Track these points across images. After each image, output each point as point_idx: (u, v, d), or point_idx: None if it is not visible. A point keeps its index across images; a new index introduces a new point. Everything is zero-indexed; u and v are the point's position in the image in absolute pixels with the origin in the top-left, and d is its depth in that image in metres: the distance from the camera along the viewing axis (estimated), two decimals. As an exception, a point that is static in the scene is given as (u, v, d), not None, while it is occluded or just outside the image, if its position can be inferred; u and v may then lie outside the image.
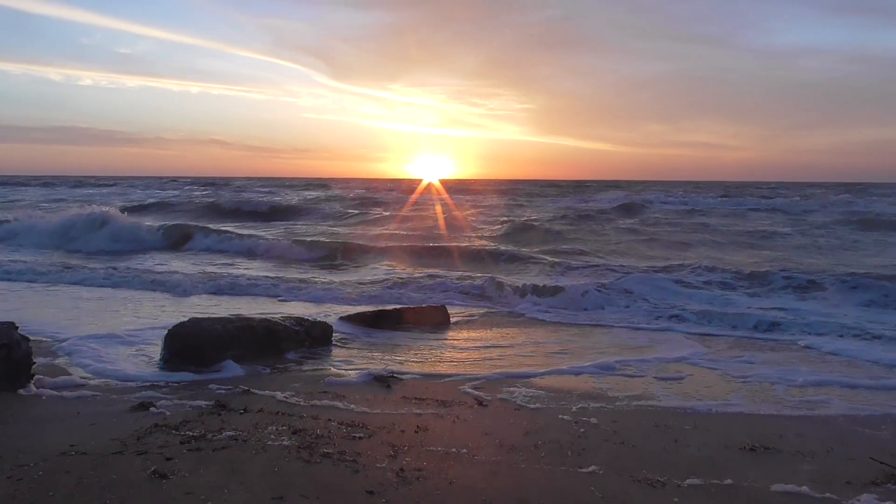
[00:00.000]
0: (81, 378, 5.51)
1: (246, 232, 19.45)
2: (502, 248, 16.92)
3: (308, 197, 38.49)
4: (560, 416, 4.90)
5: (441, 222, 24.25)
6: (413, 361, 6.67)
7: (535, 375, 6.17)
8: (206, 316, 7.11)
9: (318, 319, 7.65)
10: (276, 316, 7.44)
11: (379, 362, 6.55)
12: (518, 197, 43.90)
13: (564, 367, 6.55)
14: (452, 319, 8.83)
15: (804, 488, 3.66)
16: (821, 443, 4.49)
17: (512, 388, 5.67)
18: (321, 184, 68.88)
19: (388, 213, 27.95)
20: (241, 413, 4.63)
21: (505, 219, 25.82)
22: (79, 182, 69.38)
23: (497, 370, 6.34)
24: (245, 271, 13.13)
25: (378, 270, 13.79)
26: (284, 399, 5.08)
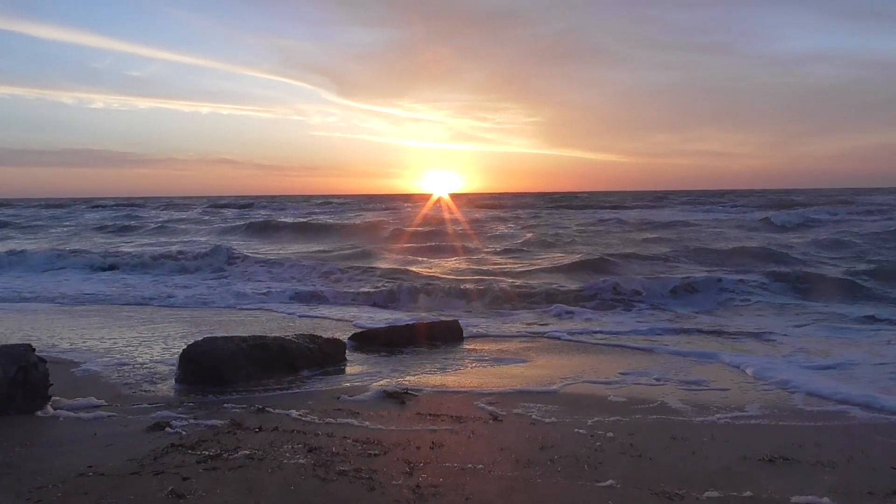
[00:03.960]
0: (98, 399, 5.54)
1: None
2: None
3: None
4: (576, 430, 4.87)
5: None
6: (427, 377, 6.66)
7: (549, 390, 6.14)
8: (220, 335, 7.14)
9: (332, 337, 7.67)
10: (290, 334, 7.47)
11: (393, 378, 6.55)
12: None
13: (579, 381, 6.52)
14: (465, 334, 8.82)
15: (825, 500, 3.61)
16: (841, 452, 4.44)
17: (527, 403, 5.65)
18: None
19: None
20: (256, 432, 4.64)
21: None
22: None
23: (511, 385, 6.31)
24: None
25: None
26: (299, 417, 5.09)
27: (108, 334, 8.80)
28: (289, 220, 35.05)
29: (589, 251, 19.91)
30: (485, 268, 16.85)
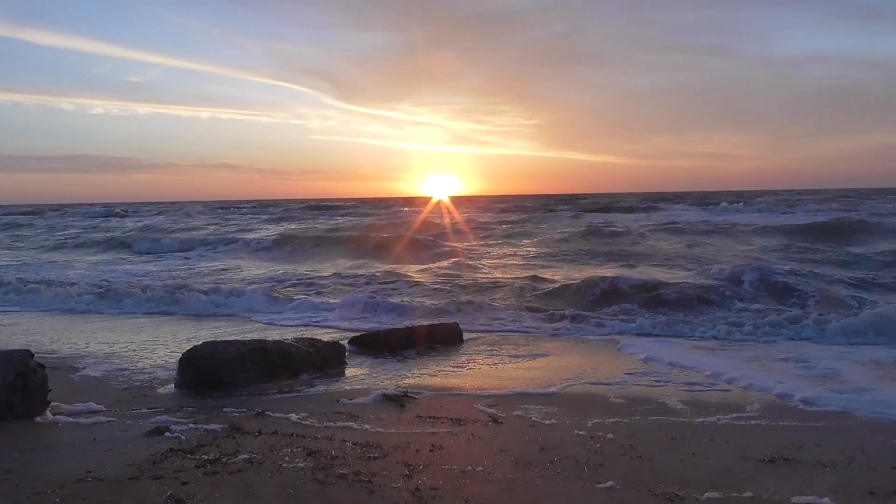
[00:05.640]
0: (97, 404, 5.53)
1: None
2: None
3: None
4: (576, 432, 4.86)
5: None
6: (426, 380, 6.65)
7: (549, 392, 6.13)
8: (220, 339, 7.13)
9: (331, 340, 7.66)
10: (289, 338, 7.47)
11: (392, 381, 6.54)
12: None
13: (579, 382, 6.51)
14: (465, 337, 8.81)
15: (825, 500, 3.60)
16: (842, 452, 4.43)
17: (526, 405, 5.64)
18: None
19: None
20: (255, 435, 4.64)
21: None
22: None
23: (511, 387, 6.31)
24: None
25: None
26: (299, 420, 5.08)
27: (111, 339, 8.80)
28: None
29: (591, 255, 19.89)
30: (486, 270, 16.84)
